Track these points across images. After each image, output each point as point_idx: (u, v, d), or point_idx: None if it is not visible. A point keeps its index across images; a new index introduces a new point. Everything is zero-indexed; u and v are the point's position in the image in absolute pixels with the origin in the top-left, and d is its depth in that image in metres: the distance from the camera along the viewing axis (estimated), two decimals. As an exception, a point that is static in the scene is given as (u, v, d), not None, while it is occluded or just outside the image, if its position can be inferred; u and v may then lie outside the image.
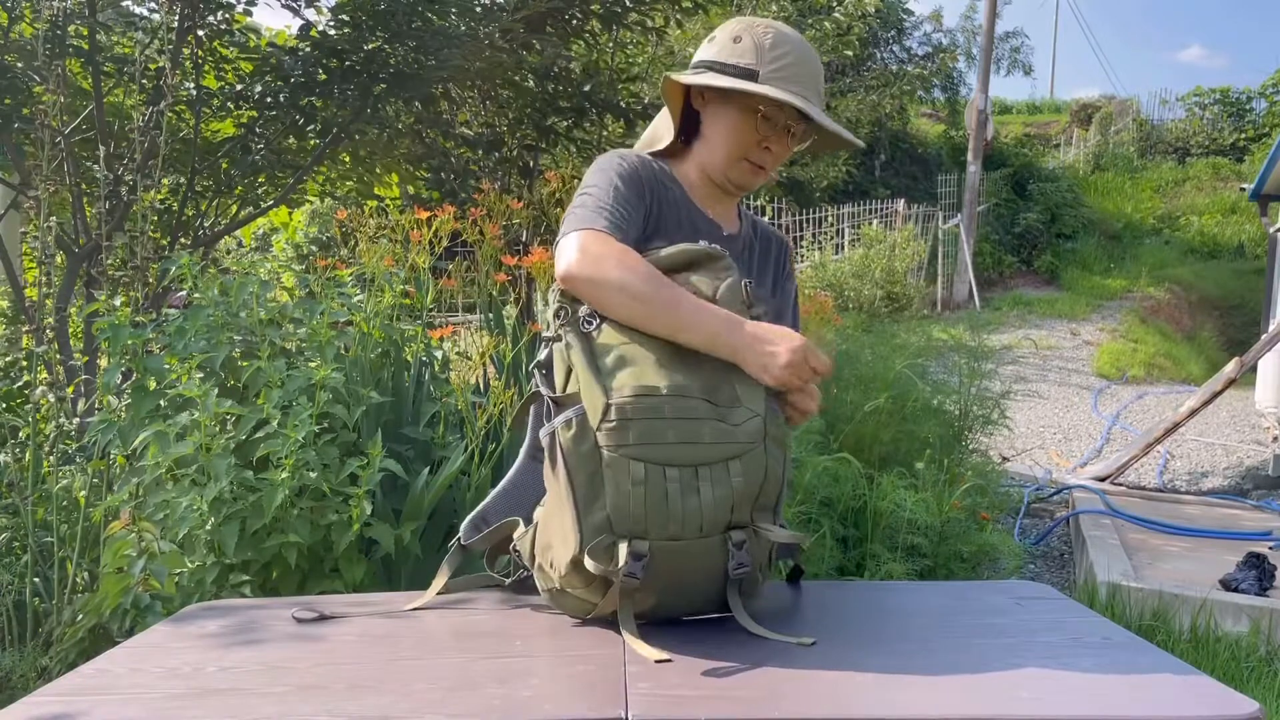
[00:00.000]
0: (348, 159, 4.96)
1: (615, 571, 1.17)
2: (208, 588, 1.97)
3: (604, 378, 1.22)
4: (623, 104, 5.14)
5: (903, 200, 13.88)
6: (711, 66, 1.46)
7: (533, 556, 1.35)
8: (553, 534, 1.27)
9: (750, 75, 1.43)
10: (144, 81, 3.63)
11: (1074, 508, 5.11)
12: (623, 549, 1.17)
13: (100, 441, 2.11)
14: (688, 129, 1.55)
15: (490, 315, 2.87)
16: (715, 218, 1.53)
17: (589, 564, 1.19)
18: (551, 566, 1.28)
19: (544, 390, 1.28)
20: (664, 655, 1.14)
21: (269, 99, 4.26)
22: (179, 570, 1.99)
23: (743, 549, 1.21)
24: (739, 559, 1.21)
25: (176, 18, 3.87)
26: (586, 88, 5.14)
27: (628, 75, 5.97)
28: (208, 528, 1.95)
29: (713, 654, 1.17)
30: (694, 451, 1.19)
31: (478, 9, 4.66)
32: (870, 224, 12.09)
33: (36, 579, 2.26)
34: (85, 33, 3.77)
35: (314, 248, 8.53)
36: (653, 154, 1.55)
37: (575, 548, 1.20)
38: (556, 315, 1.30)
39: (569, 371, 1.26)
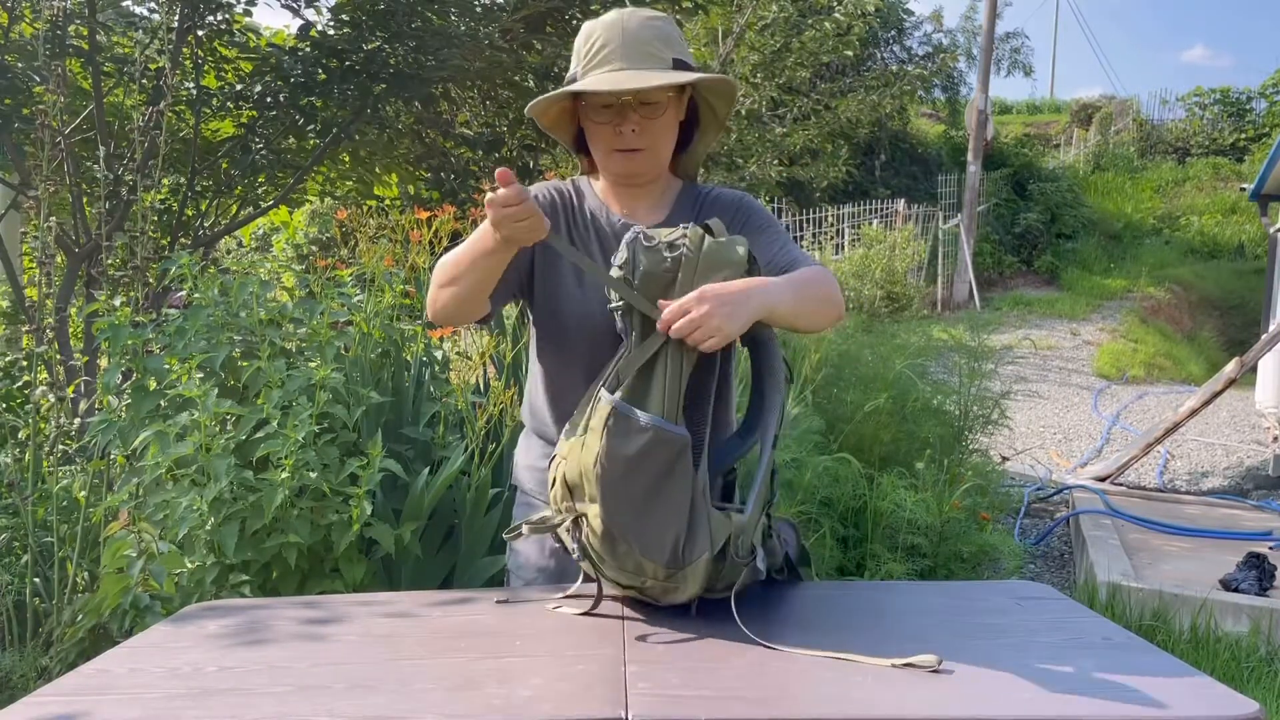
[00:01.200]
0: (348, 159, 4.95)
1: None
2: (208, 588, 1.97)
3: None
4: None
5: (903, 200, 13.88)
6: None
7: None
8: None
9: (573, 81, 1.49)
10: (144, 81, 3.63)
11: (1074, 508, 5.10)
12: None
13: (100, 441, 2.11)
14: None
15: (490, 315, 2.87)
16: (627, 214, 1.58)
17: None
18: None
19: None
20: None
21: (269, 99, 4.26)
22: (179, 570, 1.99)
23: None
24: None
25: (176, 18, 3.87)
26: (586, 88, 5.12)
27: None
28: (208, 528, 1.95)
29: (713, 654, 1.17)
30: None
31: (478, 9, 4.66)
32: (870, 224, 12.08)
33: (36, 579, 2.26)
34: (85, 33, 3.77)
35: (314, 248, 8.52)
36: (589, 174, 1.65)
37: None
38: None
39: None
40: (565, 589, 1.43)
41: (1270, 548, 4.23)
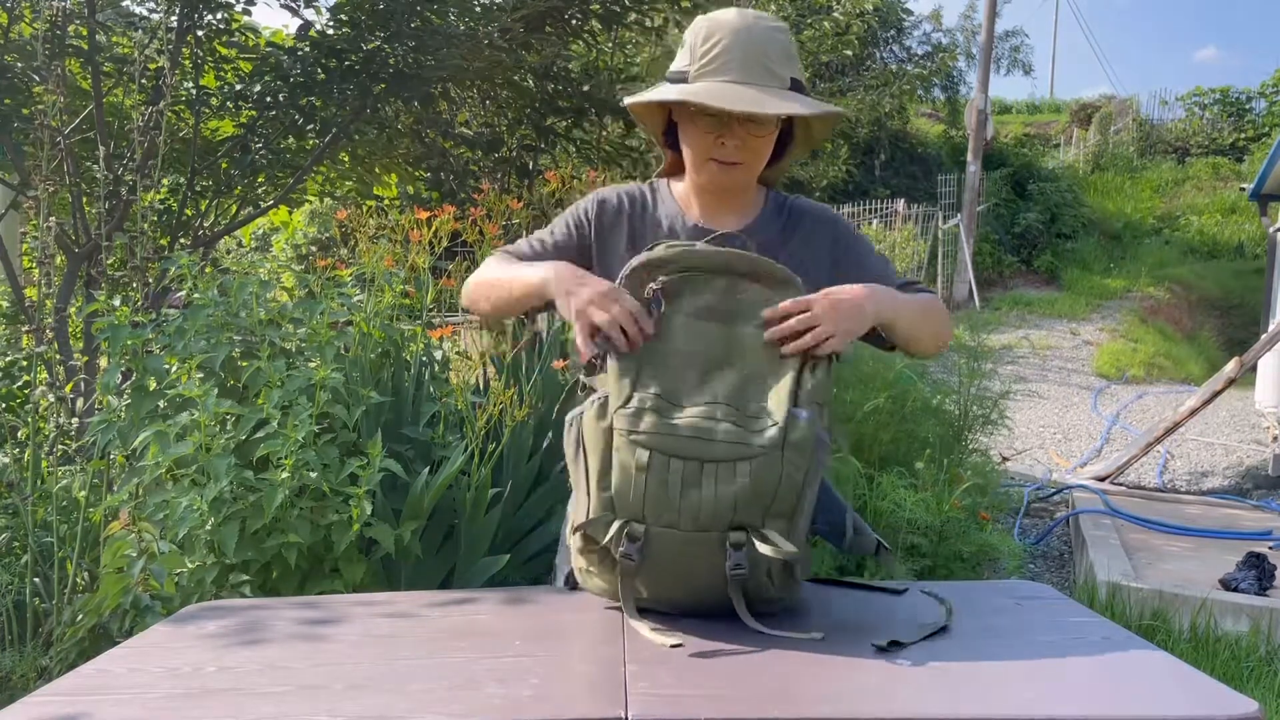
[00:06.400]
0: (347, 159, 4.96)
1: (612, 546, 1.23)
2: (208, 588, 1.97)
3: (635, 372, 1.28)
4: (622, 104, 5.14)
5: (903, 200, 13.87)
6: (667, 79, 1.48)
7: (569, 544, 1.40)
8: (575, 513, 1.32)
9: (683, 78, 1.42)
10: (144, 81, 3.63)
11: (1074, 508, 5.10)
12: (615, 526, 1.22)
13: (100, 441, 2.11)
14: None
15: (490, 315, 2.87)
16: (707, 222, 1.53)
17: (576, 541, 1.28)
18: (572, 543, 1.34)
19: (583, 377, 1.34)
20: (673, 640, 1.18)
21: (268, 99, 4.26)
22: (179, 570, 1.99)
23: (740, 550, 1.21)
24: (735, 559, 1.22)
25: (176, 17, 3.87)
26: (586, 88, 5.14)
27: (627, 75, 5.97)
28: (208, 528, 1.95)
29: (713, 653, 1.17)
30: (703, 448, 1.22)
31: (477, 9, 4.66)
32: (870, 224, 12.08)
33: (36, 579, 2.26)
34: (85, 33, 3.77)
35: (314, 248, 8.53)
36: (669, 175, 1.61)
37: (582, 519, 1.26)
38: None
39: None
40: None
41: (1270, 547, 4.23)
